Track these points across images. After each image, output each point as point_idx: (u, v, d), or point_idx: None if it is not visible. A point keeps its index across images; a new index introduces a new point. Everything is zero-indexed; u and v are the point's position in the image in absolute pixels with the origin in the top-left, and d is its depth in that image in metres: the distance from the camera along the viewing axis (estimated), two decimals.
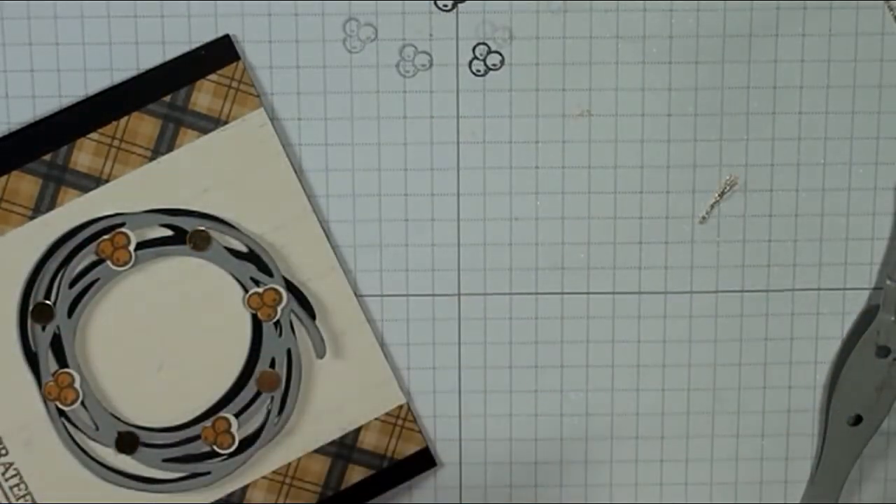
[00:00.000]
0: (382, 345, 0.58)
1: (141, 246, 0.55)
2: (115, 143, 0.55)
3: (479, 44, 0.56)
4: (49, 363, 0.55)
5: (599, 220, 0.57)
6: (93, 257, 0.55)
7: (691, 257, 0.58)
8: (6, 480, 0.56)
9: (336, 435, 0.57)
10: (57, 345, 0.55)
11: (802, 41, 0.57)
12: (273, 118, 0.56)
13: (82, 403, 0.56)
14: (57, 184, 0.55)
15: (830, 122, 0.57)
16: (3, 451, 0.56)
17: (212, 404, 0.57)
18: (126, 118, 0.55)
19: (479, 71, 0.56)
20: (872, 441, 0.58)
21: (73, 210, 0.55)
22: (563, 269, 0.58)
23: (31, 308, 0.55)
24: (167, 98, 0.55)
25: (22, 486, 0.56)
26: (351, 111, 0.56)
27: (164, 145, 0.55)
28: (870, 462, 0.60)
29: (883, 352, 0.57)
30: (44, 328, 0.55)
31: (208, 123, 0.55)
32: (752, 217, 0.58)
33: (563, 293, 0.58)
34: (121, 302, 0.56)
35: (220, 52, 0.55)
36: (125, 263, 0.55)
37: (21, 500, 0.56)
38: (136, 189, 0.55)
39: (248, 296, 0.56)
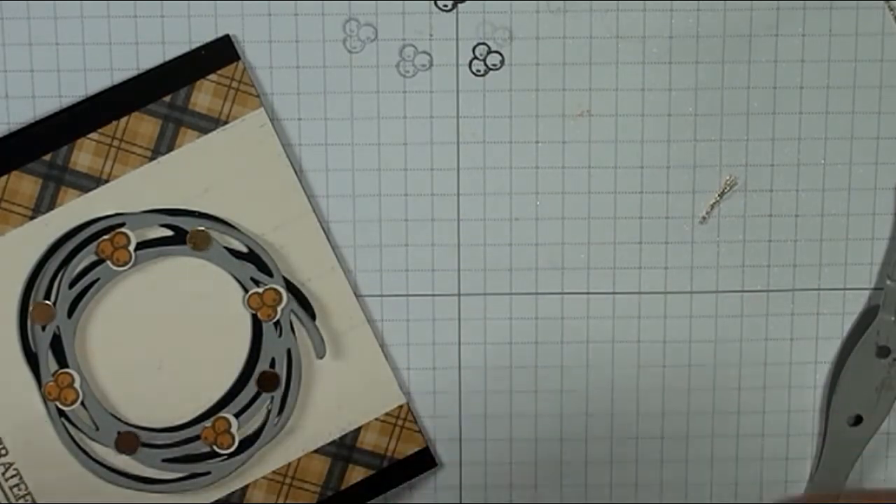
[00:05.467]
0: (382, 345, 0.58)
1: (141, 246, 0.55)
2: (115, 143, 0.55)
3: (479, 44, 0.56)
4: (49, 363, 0.55)
5: (599, 220, 0.57)
6: (93, 257, 0.55)
7: (691, 257, 0.58)
8: (6, 480, 0.56)
9: (336, 435, 0.57)
10: (57, 345, 0.55)
11: (802, 41, 0.57)
12: (273, 118, 0.56)
13: (82, 403, 0.56)
14: (57, 184, 0.55)
15: (830, 122, 0.57)
16: (3, 451, 0.56)
17: (212, 404, 0.57)
18: (126, 118, 0.55)
19: (479, 71, 0.56)
20: (872, 441, 0.58)
21: (73, 210, 0.55)
22: (563, 269, 0.58)
23: (31, 308, 0.55)
24: (167, 98, 0.55)
25: (22, 486, 0.56)
26: (351, 111, 0.56)
27: (164, 145, 0.55)
28: (870, 462, 0.60)
29: (883, 352, 0.57)
30: (44, 328, 0.55)
31: (208, 123, 0.55)
32: (752, 217, 0.58)
33: (563, 293, 0.58)
34: (121, 302, 0.56)
35: (220, 52, 0.55)
36: (125, 263, 0.55)
37: (21, 500, 0.56)
38: (136, 189, 0.55)
39: (248, 296, 0.56)
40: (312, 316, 0.57)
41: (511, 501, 0.59)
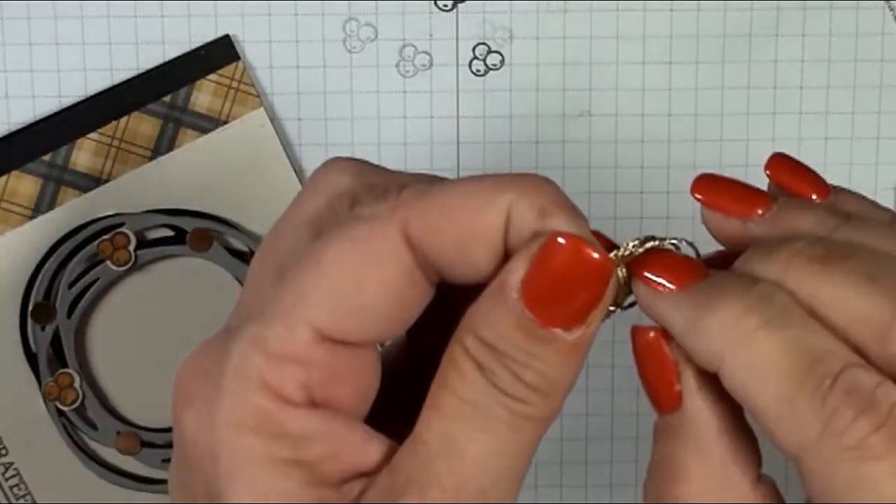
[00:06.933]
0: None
1: (141, 246, 0.55)
2: (115, 143, 0.55)
3: (479, 44, 0.56)
4: (49, 363, 0.55)
5: (600, 219, 0.57)
6: (93, 257, 0.55)
7: None
8: (6, 480, 0.56)
9: None
10: (57, 345, 0.55)
11: (802, 41, 0.57)
12: (273, 118, 0.56)
13: (82, 403, 0.56)
14: (57, 184, 0.55)
15: (830, 122, 0.57)
16: (3, 451, 0.56)
17: None
18: (126, 118, 0.55)
19: (479, 71, 0.56)
20: None
21: (73, 210, 0.55)
22: None
23: (31, 308, 0.55)
24: (167, 98, 0.55)
25: (22, 486, 0.56)
26: (351, 111, 0.56)
27: (164, 145, 0.55)
28: None
29: None
30: (44, 328, 0.55)
31: (208, 123, 0.55)
32: None
33: None
34: (121, 302, 0.56)
35: (220, 52, 0.55)
36: (125, 263, 0.55)
37: (21, 500, 0.56)
38: (136, 189, 0.55)
39: None
40: None
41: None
